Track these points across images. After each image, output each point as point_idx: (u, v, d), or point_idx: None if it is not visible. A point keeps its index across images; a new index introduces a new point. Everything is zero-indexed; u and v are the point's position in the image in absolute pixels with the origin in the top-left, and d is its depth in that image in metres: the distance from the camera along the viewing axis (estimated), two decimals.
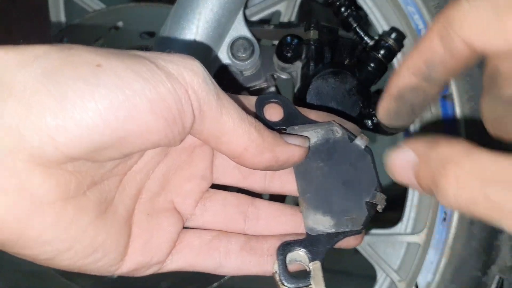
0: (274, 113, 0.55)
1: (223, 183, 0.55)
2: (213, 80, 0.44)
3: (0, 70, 0.37)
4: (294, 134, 0.54)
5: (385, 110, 0.48)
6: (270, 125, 0.52)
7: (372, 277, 0.87)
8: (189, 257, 0.51)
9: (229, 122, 0.44)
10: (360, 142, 0.57)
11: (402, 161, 0.42)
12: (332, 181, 0.54)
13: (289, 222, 0.55)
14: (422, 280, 0.82)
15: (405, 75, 0.44)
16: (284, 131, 0.55)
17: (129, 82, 0.38)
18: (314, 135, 0.55)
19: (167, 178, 0.51)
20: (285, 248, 0.52)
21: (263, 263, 0.53)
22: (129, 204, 0.47)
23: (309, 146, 0.54)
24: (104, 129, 0.38)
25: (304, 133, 0.55)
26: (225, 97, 0.44)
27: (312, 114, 0.57)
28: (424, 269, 0.82)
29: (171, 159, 0.51)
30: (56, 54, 0.38)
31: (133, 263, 0.47)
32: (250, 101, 0.55)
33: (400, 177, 0.43)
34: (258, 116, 0.54)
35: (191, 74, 0.41)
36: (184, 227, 0.53)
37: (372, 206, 0.55)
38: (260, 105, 0.55)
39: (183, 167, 0.52)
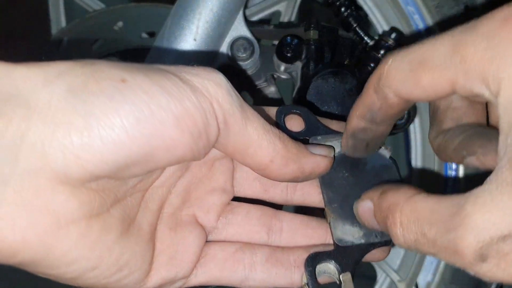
0: (294, 123, 0.56)
1: (244, 196, 0.55)
2: (236, 92, 0.44)
3: (24, 88, 0.36)
4: (318, 144, 0.54)
5: (345, 145, 0.53)
6: (293, 136, 0.50)
7: (372, 277, 0.87)
8: (214, 271, 0.51)
9: (253, 134, 0.44)
10: (385, 152, 0.56)
11: (364, 209, 0.47)
12: (358, 191, 0.51)
13: (314, 234, 0.54)
14: (422, 280, 0.82)
15: (355, 119, 0.49)
16: (307, 142, 0.55)
17: (155, 97, 0.38)
18: (338, 145, 0.55)
19: (188, 192, 0.51)
20: (314, 259, 0.50)
21: (290, 275, 0.51)
22: (152, 220, 0.47)
23: (334, 156, 0.53)
24: (130, 146, 0.37)
25: (328, 143, 0.55)
26: (248, 109, 0.44)
27: (333, 125, 0.57)
28: (424, 269, 0.82)
29: (191, 173, 0.51)
30: (80, 70, 0.38)
31: (159, 278, 0.47)
32: (270, 111, 0.55)
33: (366, 222, 0.47)
34: (280, 126, 0.54)
35: (215, 87, 0.41)
36: (207, 241, 0.52)
37: None
38: (281, 115, 0.55)
39: (204, 181, 0.52)
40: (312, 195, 0.55)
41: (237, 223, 0.53)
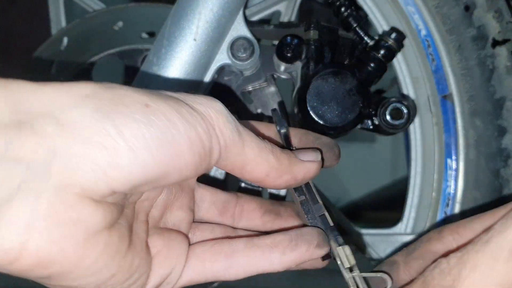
0: None
1: (200, 218, 0.59)
2: (233, 117, 0.48)
3: (54, 107, 0.39)
4: (306, 149, 0.57)
5: None
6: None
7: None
8: (198, 266, 0.53)
9: (250, 154, 0.49)
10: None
11: None
12: None
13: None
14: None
15: None
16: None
17: (175, 122, 0.42)
18: None
19: (165, 206, 0.54)
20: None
21: (269, 256, 0.54)
22: (144, 228, 0.50)
23: (322, 158, 0.57)
24: (153, 166, 0.41)
25: None
26: (244, 131, 0.49)
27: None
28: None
29: (168, 190, 0.54)
30: (105, 94, 0.41)
31: (157, 277, 0.50)
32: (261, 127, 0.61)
33: None
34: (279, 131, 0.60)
35: (217, 114, 0.46)
36: None
37: None
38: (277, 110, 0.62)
39: (177, 197, 0.55)
40: (254, 220, 0.60)
41: (204, 237, 0.58)
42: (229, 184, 0.87)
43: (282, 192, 0.81)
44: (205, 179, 0.84)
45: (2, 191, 0.36)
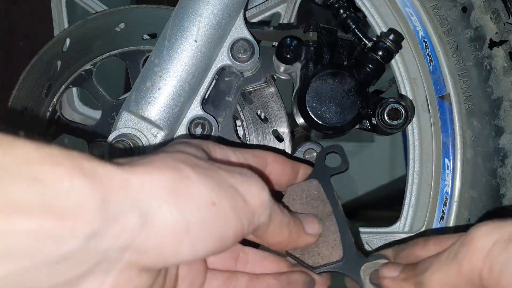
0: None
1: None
2: (271, 200, 0.55)
3: (140, 203, 0.45)
4: (312, 219, 0.64)
5: None
6: (329, 171, 0.69)
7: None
8: None
9: (271, 229, 0.57)
10: None
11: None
12: None
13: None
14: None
15: None
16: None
17: (230, 220, 0.51)
18: None
19: None
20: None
21: None
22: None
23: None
24: (202, 253, 0.50)
25: None
26: (274, 211, 0.56)
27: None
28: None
29: None
30: (180, 186, 0.48)
31: None
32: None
33: None
34: (320, 163, 0.70)
35: (261, 204, 0.54)
36: None
37: None
38: (322, 154, 0.71)
39: None
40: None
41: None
42: None
43: None
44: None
45: (82, 268, 0.43)
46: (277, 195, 0.68)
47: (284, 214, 0.58)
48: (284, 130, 0.86)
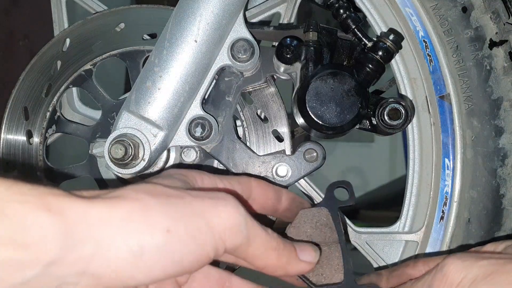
0: None
1: None
2: (247, 221, 0.57)
3: (97, 234, 0.50)
4: (309, 246, 0.66)
5: None
6: (338, 204, 0.75)
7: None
8: None
9: (254, 252, 0.59)
10: None
11: None
12: None
13: None
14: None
15: None
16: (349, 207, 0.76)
17: (188, 246, 0.53)
18: None
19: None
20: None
21: None
22: None
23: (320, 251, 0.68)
24: (160, 277, 0.53)
25: None
26: (254, 234, 0.58)
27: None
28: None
29: None
30: (136, 215, 0.52)
31: None
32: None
33: None
34: (330, 196, 0.75)
35: (231, 227, 0.56)
36: None
37: None
38: (332, 188, 0.76)
39: None
40: None
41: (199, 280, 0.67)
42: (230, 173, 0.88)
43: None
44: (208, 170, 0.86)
45: None
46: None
47: (269, 237, 0.60)
48: (284, 130, 0.86)
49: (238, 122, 0.89)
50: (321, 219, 0.74)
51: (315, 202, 0.88)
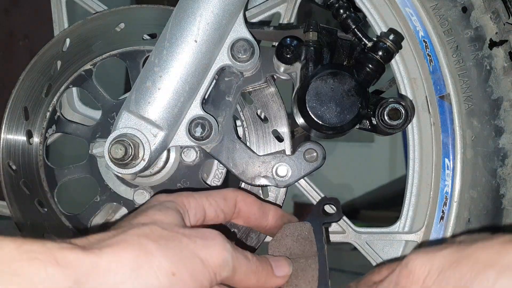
0: None
1: None
2: (232, 255, 0.65)
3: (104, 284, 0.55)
4: (282, 261, 0.73)
5: None
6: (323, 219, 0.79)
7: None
8: None
9: (237, 278, 0.66)
10: None
11: None
12: None
13: None
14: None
15: None
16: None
17: (191, 286, 0.60)
18: None
19: None
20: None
21: None
22: None
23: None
24: None
25: None
26: (238, 264, 0.65)
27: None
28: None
29: None
30: (145, 262, 0.58)
31: None
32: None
33: None
34: (318, 212, 0.80)
35: (222, 265, 0.63)
36: None
37: None
38: (320, 205, 0.81)
39: None
40: None
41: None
42: (229, 185, 0.88)
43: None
44: (203, 187, 0.85)
45: None
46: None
47: (250, 263, 0.68)
48: (284, 130, 0.86)
49: (238, 122, 0.89)
50: (302, 233, 0.78)
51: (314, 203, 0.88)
